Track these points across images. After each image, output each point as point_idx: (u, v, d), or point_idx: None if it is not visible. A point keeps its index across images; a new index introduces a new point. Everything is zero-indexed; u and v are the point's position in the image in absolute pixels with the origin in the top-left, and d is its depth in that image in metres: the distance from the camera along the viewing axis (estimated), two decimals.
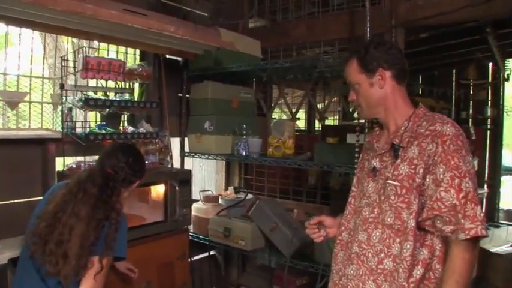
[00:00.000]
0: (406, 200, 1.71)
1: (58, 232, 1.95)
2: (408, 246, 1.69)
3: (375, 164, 1.85)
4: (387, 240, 1.76)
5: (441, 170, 1.63)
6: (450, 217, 1.60)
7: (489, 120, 6.69)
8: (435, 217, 1.64)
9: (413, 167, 1.70)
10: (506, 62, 6.34)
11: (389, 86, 1.81)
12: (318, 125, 5.60)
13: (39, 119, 3.20)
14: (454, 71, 7.06)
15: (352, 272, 1.85)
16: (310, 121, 5.53)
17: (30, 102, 3.12)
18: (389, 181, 1.75)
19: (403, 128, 1.78)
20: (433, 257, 1.71)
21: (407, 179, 1.70)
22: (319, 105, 5.53)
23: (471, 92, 6.93)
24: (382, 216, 1.78)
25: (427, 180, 1.66)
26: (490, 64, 6.55)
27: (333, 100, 4.58)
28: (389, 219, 1.76)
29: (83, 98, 2.75)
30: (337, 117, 5.32)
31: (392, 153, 1.78)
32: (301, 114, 5.76)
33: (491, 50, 5.15)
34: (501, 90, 6.67)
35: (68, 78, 2.93)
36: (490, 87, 6.72)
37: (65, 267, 1.92)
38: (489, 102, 6.73)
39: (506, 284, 3.40)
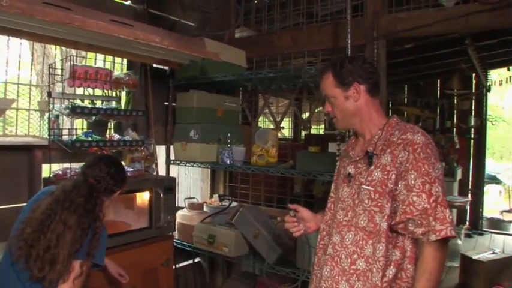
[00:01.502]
0: (379, 204, 1.80)
1: (47, 238, 2.00)
2: (381, 247, 1.77)
3: (350, 170, 1.94)
4: (360, 242, 1.84)
5: (412, 176, 1.72)
6: (422, 220, 1.70)
7: (473, 129, 6.83)
8: (408, 220, 1.73)
9: (386, 173, 1.78)
10: (487, 73, 6.48)
11: (363, 99, 1.89)
12: (303, 133, 5.70)
13: (26, 126, 3.24)
14: (438, 81, 7.20)
15: (326, 273, 1.93)
16: (295, 130, 5.61)
17: (17, 109, 3.16)
18: (364, 186, 1.84)
19: (376, 137, 1.87)
20: (405, 257, 1.80)
21: (380, 184, 1.79)
22: (304, 115, 5.64)
23: (455, 102, 7.07)
24: (355, 219, 1.86)
25: (399, 186, 1.75)
26: (473, 75, 6.70)
27: (316, 110, 4.68)
28: (362, 222, 1.84)
29: (70, 106, 2.79)
30: (322, 126, 5.39)
31: (366, 160, 1.86)
32: (287, 123, 5.87)
33: (472, 61, 5.28)
34: (484, 100, 6.81)
35: (55, 86, 2.98)
36: (473, 97, 6.86)
37: (51, 272, 1.97)
38: (473, 112, 6.87)
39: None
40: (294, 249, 3.15)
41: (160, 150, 3.88)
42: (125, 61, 3.61)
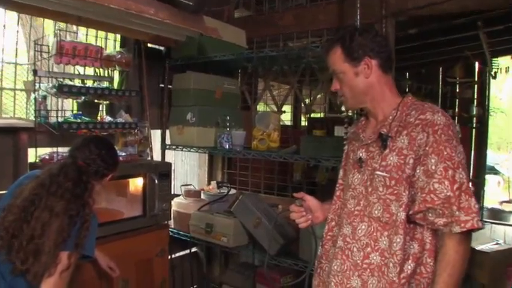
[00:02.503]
0: (395, 191, 1.63)
1: (30, 227, 1.84)
2: (398, 240, 1.61)
3: (361, 154, 1.77)
4: (374, 234, 1.68)
5: (433, 160, 1.55)
6: (444, 209, 1.53)
7: (474, 118, 6.68)
8: (427, 210, 1.57)
9: (402, 157, 1.62)
10: (493, 60, 6.31)
11: (375, 75, 1.72)
12: (304, 120, 5.50)
13: (12, 108, 3.04)
14: (440, 68, 7.04)
15: (336, 267, 1.77)
16: (296, 115, 5.39)
17: (1, 89, 2.95)
18: (377, 172, 1.67)
19: (390, 117, 1.69)
20: (424, 250, 1.64)
21: (396, 169, 1.62)
22: (308, 99, 5.43)
23: (457, 90, 6.91)
24: (369, 208, 1.70)
25: (418, 171, 1.59)
26: (477, 63, 6.53)
27: (318, 96, 4.46)
28: (376, 212, 1.68)
29: (57, 85, 2.59)
30: (324, 112, 5.19)
31: (379, 143, 1.70)
32: (287, 108, 5.66)
33: (482, 47, 5.09)
34: (487, 89, 6.65)
35: (43, 64, 2.77)
36: (476, 86, 6.71)
37: (35, 264, 1.81)
38: (475, 101, 6.71)
39: (493, 281, 3.37)
40: (297, 239, 2.98)
41: (156, 136, 3.70)
42: (118, 40, 3.40)
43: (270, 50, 3.08)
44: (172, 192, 3.70)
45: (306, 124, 5.11)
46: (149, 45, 3.54)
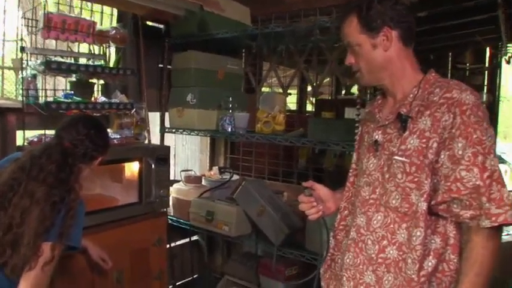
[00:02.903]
0: (416, 179, 1.44)
1: (8, 215, 1.67)
2: (418, 233, 1.43)
3: (376, 137, 1.58)
4: (391, 226, 1.50)
5: (460, 145, 1.35)
6: (471, 200, 1.34)
7: (485, 105, 6.45)
8: (452, 200, 1.38)
9: (424, 140, 1.43)
10: (508, 45, 6.09)
11: (395, 48, 1.52)
12: (309, 104, 5.26)
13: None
14: (450, 54, 6.81)
15: (348, 260, 1.60)
16: (301, 98, 5.15)
17: None
18: (396, 157, 1.48)
19: (411, 96, 1.50)
20: (447, 246, 1.46)
21: (418, 154, 1.43)
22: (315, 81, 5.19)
23: (467, 77, 6.70)
24: (385, 197, 1.52)
25: (442, 157, 1.39)
26: (488, 48, 6.31)
27: (326, 80, 4.20)
28: (394, 201, 1.49)
29: (45, 61, 2.40)
30: (331, 95, 4.95)
31: (398, 124, 1.50)
32: (292, 92, 5.41)
33: (496, 31, 4.86)
34: (498, 75, 6.43)
35: (33, 40, 2.57)
36: (486, 72, 6.50)
37: (13, 256, 1.64)
38: (485, 87, 6.50)
39: (504, 273, 3.19)
40: (303, 229, 2.79)
41: (155, 119, 3.51)
42: (114, 16, 3.20)
43: (275, 25, 2.85)
44: (173, 178, 3.55)
45: (312, 108, 4.92)
46: (148, 23, 3.35)
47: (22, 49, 2.48)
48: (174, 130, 3.38)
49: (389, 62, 1.53)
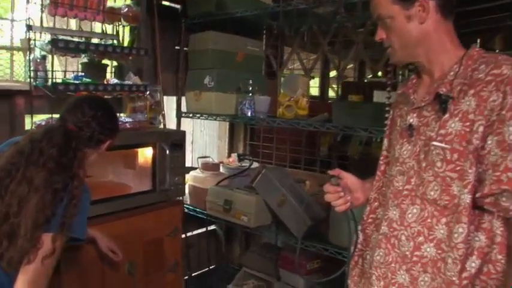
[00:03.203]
0: (458, 168, 1.26)
1: (5, 203, 1.54)
2: (461, 230, 1.25)
3: (411, 120, 1.39)
4: (429, 220, 1.32)
5: (511, 129, 1.17)
6: None
7: None
8: (501, 193, 1.19)
9: (468, 123, 1.24)
10: None
11: (432, 20, 1.33)
12: (332, 91, 5.05)
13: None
14: (478, 40, 6.51)
15: (378, 257, 1.43)
16: (324, 84, 4.92)
17: None
18: (435, 142, 1.29)
19: (452, 73, 1.31)
20: (493, 244, 1.27)
21: (460, 140, 1.25)
22: (333, 73, 4.96)
23: None
24: (422, 188, 1.34)
25: (489, 142, 1.21)
26: None
27: (348, 66, 3.95)
28: (432, 193, 1.31)
29: (51, 39, 2.25)
30: (355, 79, 4.70)
31: (436, 106, 1.32)
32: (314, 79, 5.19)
33: None
34: None
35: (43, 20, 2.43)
36: None
37: (9, 248, 1.50)
38: None
39: None
40: (327, 220, 2.62)
41: (171, 103, 3.37)
42: None
43: (298, 1, 2.65)
44: (190, 165, 3.41)
45: (335, 95, 4.71)
46: (164, 2, 3.18)
47: (29, 28, 2.34)
48: (191, 115, 3.22)
49: (426, 36, 1.34)
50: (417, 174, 1.35)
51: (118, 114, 2.63)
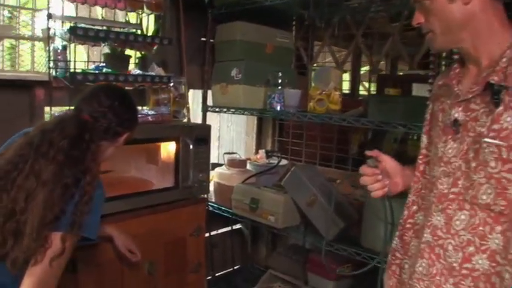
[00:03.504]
0: None
1: (10, 198, 1.42)
2: None
3: (456, 115, 1.22)
4: (480, 228, 1.15)
5: None
6: None
7: None
8: None
9: None
10: None
11: (479, 0, 1.16)
12: (362, 89, 4.82)
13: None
14: None
15: (421, 268, 1.26)
16: (354, 79, 4.67)
17: (17, 38, 2.55)
18: (487, 139, 1.12)
19: (504, 60, 1.13)
20: None
21: None
22: (365, 68, 4.73)
23: None
24: (472, 191, 1.16)
25: None
26: None
27: (380, 62, 3.72)
28: (484, 197, 1.14)
29: (70, 27, 2.15)
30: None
31: (487, 97, 1.15)
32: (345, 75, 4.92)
33: None
34: None
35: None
36: None
37: (15, 248, 1.38)
38: None
39: None
40: (359, 222, 2.45)
41: (198, 97, 3.26)
42: None
43: None
44: (216, 161, 3.29)
45: (366, 92, 4.50)
46: None
47: (49, 16, 2.24)
48: (217, 109, 3.09)
49: (471, 19, 1.17)
50: (465, 176, 1.18)
51: (140, 107, 2.55)
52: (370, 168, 1.43)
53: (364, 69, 4.66)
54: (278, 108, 2.71)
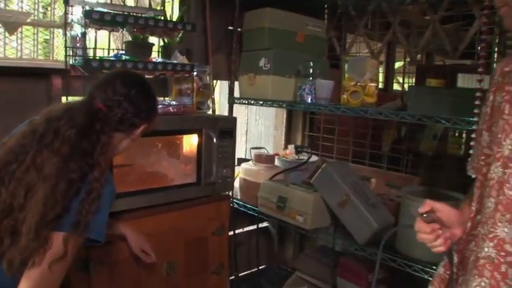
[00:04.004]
0: None
1: (8, 193, 1.29)
2: None
3: None
4: None
5: None
6: None
7: None
8: None
9: None
10: None
11: None
12: (395, 82, 4.56)
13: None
14: None
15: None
16: (388, 72, 4.41)
17: (34, 25, 2.43)
18: None
19: None
20: None
21: None
22: (398, 64, 4.49)
23: None
24: None
25: None
26: None
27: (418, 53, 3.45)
28: None
29: (85, 11, 2.01)
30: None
31: None
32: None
33: None
34: None
35: None
36: None
37: (11, 248, 1.25)
38: None
39: None
40: (394, 226, 2.25)
41: (224, 89, 3.12)
42: None
43: None
44: (243, 156, 3.14)
45: (400, 88, 4.26)
46: None
47: (66, 2, 2.12)
48: (244, 101, 2.92)
49: None
50: None
51: (162, 98, 2.40)
52: (426, 225, 1.21)
53: (398, 64, 4.44)
54: (309, 100, 2.52)
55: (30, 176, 1.29)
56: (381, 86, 4.25)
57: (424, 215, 1.20)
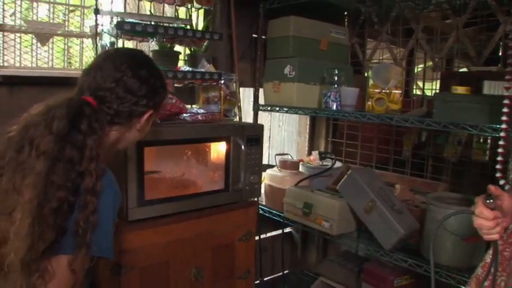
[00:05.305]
0: None
1: None
2: None
3: None
4: None
5: None
6: None
7: None
8: None
9: None
10: None
11: None
12: (415, 87, 4.51)
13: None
14: None
15: None
16: (409, 80, 4.35)
17: (65, 35, 2.50)
18: None
19: None
20: None
21: None
22: (418, 68, 4.45)
23: None
24: None
25: None
26: None
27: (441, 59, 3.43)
28: None
29: (116, 22, 2.06)
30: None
31: None
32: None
33: None
34: None
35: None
36: None
37: (5, 286, 1.10)
38: None
39: None
40: (420, 232, 2.27)
41: (249, 96, 3.16)
42: None
43: None
44: (267, 163, 3.16)
45: (420, 93, 4.23)
46: None
47: (97, 12, 2.18)
48: (269, 108, 2.96)
49: None
50: None
51: (190, 106, 2.44)
52: (489, 210, 1.20)
53: (421, 66, 4.40)
54: (334, 107, 2.55)
55: (9, 202, 1.08)
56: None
57: (489, 201, 1.19)
